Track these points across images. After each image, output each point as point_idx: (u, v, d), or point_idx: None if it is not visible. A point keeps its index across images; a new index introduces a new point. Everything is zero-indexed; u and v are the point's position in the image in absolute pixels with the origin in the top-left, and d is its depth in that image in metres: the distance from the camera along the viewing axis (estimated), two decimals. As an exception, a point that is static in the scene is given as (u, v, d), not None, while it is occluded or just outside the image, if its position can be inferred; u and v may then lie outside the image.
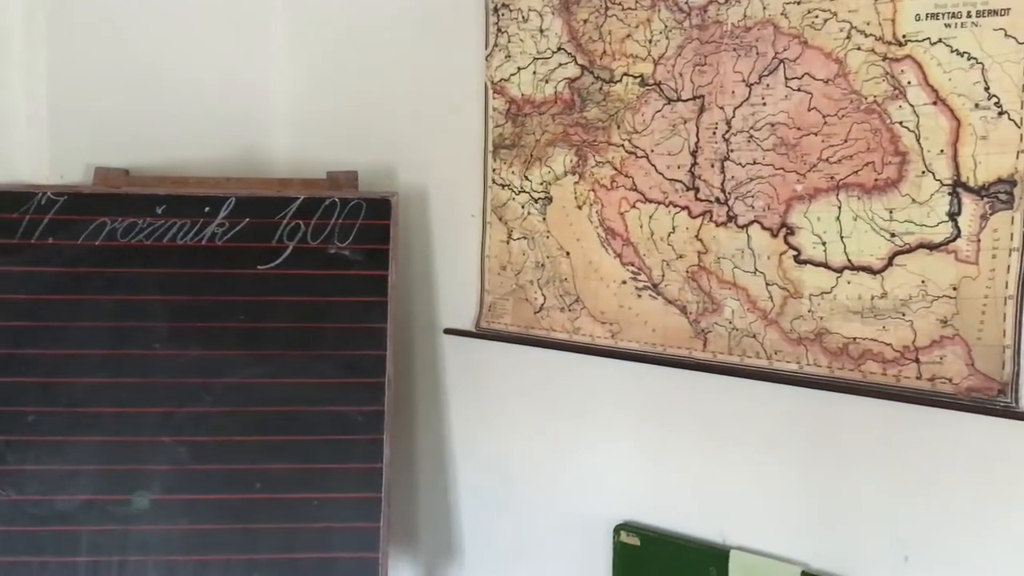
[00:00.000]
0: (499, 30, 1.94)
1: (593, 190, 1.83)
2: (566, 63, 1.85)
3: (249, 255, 2.00)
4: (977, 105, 1.38)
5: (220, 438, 1.91)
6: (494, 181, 1.99)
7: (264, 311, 1.98)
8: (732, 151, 1.63)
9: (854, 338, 1.51)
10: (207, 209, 2.02)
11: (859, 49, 1.48)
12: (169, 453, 1.89)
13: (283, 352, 1.97)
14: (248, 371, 1.95)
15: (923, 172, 1.43)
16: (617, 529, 1.82)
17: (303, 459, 1.92)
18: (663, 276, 1.75)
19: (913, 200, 1.44)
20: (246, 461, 1.90)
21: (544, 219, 1.91)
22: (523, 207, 1.94)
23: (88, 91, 2.09)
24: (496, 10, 1.94)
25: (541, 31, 1.88)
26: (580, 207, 1.86)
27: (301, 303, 2.00)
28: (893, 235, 1.46)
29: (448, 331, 2.11)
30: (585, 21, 1.81)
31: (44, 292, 1.94)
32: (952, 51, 1.39)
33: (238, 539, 1.87)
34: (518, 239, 1.96)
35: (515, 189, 1.95)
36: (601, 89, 1.80)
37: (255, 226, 2.02)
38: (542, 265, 1.92)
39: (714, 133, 1.65)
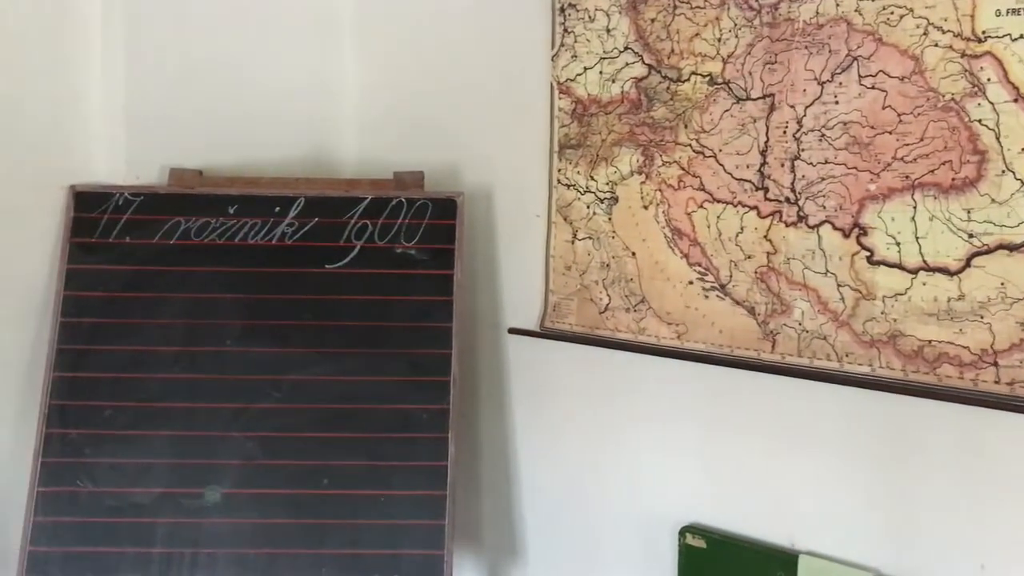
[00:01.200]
0: (565, 30, 1.94)
1: (660, 190, 1.82)
2: (633, 62, 1.84)
3: (318, 254, 2.04)
4: (1061, 102, 1.34)
5: (289, 434, 1.94)
6: (559, 181, 1.99)
7: (332, 310, 2.01)
8: (803, 150, 1.61)
9: (929, 341, 1.48)
10: (277, 209, 2.05)
11: (936, 46, 1.45)
12: (240, 448, 1.93)
13: (350, 350, 1.99)
14: (316, 368, 1.98)
15: (1003, 171, 1.39)
16: (683, 531, 1.81)
17: (369, 456, 1.94)
18: (731, 277, 1.73)
19: (992, 200, 1.40)
20: (314, 457, 1.93)
21: (610, 219, 1.91)
22: (588, 207, 1.94)
23: (163, 94, 2.15)
24: (562, 10, 1.94)
25: (608, 31, 1.87)
26: (646, 207, 1.85)
27: (368, 302, 2.02)
28: (971, 236, 1.43)
29: (512, 331, 2.11)
30: (653, 20, 1.80)
31: (121, 290, 2.00)
32: (1034, 47, 1.36)
33: (306, 533, 1.90)
34: (583, 239, 1.96)
35: (580, 189, 1.95)
36: (668, 88, 1.79)
37: (324, 226, 2.05)
38: (607, 265, 1.92)
39: (784, 132, 1.63)
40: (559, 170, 1.99)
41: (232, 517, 1.90)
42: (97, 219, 2.02)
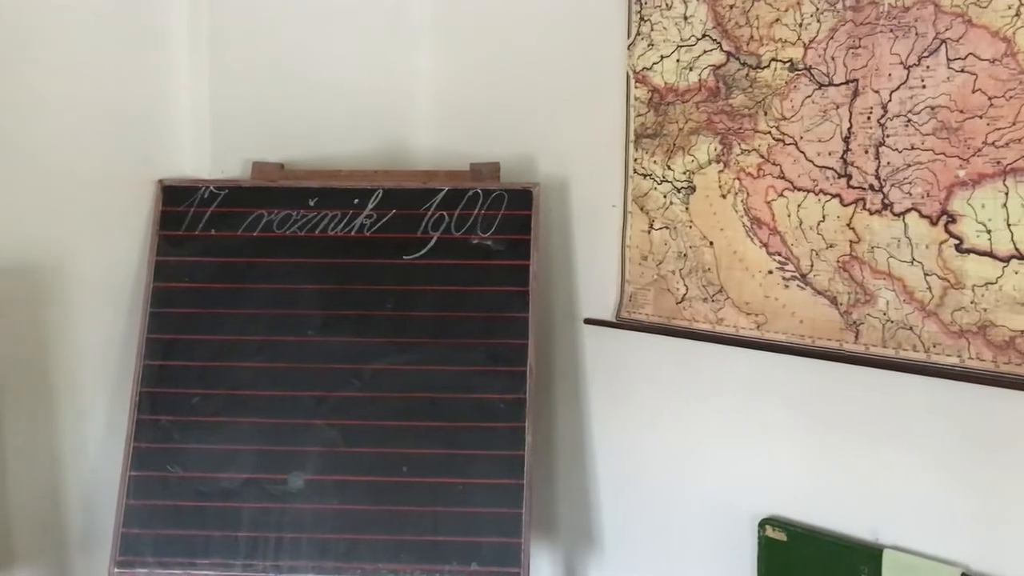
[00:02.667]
0: (642, 19, 1.93)
1: (738, 179, 1.80)
2: (711, 50, 1.82)
3: (396, 245, 2.07)
4: None
5: (369, 422, 1.98)
6: (635, 171, 1.98)
7: (410, 300, 2.04)
8: (888, 136, 1.57)
9: (1021, 331, 1.44)
10: (356, 201, 2.09)
11: (1030, 26, 1.40)
12: (322, 436, 1.98)
13: (428, 340, 2.02)
14: (395, 358, 2.01)
15: (1102, 155, 1.34)
16: (762, 523, 1.79)
17: (448, 444, 1.97)
18: (812, 266, 1.70)
19: (1090, 185, 1.36)
20: (394, 445, 1.97)
21: (687, 208, 1.89)
22: (665, 196, 1.93)
23: (246, 91, 2.21)
24: (639, -2, 1.93)
25: (685, 18, 1.86)
26: (724, 196, 1.83)
27: (445, 292, 2.05)
28: (1067, 222, 1.38)
29: (588, 321, 2.11)
30: (731, 6, 1.78)
31: (207, 281, 2.06)
32: None
33: (386, 520, 1.93)
34: (660, 229, 1.95)
35: (657, 178, 1.94)
36: (747, 75, 1.77)
37: (401, 217, 2.08)
38: (684, 255, 1.91)
39: (868, 118, 1.60)
40: (635, 160, 1.98)
41: (314, 503, 1.94)
42: (184, 212, 2.09)
